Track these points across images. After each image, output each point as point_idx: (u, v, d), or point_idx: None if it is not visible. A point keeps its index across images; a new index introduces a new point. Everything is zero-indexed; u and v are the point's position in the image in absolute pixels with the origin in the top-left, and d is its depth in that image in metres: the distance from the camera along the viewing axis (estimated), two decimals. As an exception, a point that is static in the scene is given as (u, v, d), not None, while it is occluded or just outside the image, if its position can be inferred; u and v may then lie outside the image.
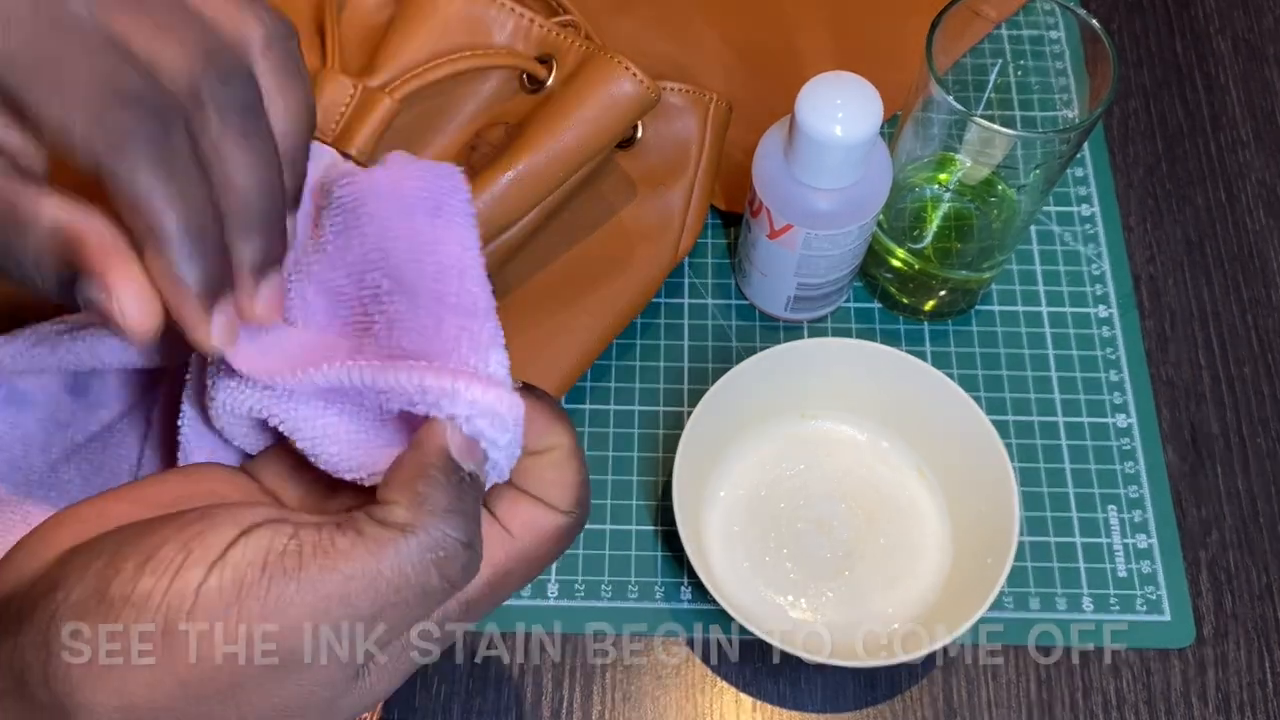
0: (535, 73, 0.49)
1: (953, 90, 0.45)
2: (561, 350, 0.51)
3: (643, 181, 0.53)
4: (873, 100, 0.45)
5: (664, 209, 0.53)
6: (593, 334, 0.52)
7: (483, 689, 0.48)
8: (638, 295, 0.53)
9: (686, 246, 0.54)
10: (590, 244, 0.53)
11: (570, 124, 0.47)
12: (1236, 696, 0.48)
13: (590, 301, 0.52)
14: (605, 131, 0.48)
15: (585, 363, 0.52)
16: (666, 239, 0.53)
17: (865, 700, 0.48)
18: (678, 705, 0.48)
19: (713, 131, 0.53)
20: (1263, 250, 0.59)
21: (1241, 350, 0.56)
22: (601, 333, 0.52)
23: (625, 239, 0.53)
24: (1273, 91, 0.64)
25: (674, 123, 0.53)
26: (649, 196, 0.53)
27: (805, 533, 0.50)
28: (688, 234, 0.54)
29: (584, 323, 0.52)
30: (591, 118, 0.47)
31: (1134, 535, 0.51)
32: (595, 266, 0.52)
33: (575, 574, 0.50)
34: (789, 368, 0.50)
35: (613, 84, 0.47)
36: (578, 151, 0.48)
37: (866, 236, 0.51)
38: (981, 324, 0.56)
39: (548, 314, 0.51)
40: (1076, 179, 0.61)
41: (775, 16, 0.63)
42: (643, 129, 0.53)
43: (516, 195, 0.47)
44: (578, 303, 0.52)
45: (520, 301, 0.51)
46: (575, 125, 0.47)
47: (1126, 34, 0.66)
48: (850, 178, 0.47)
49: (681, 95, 0.52)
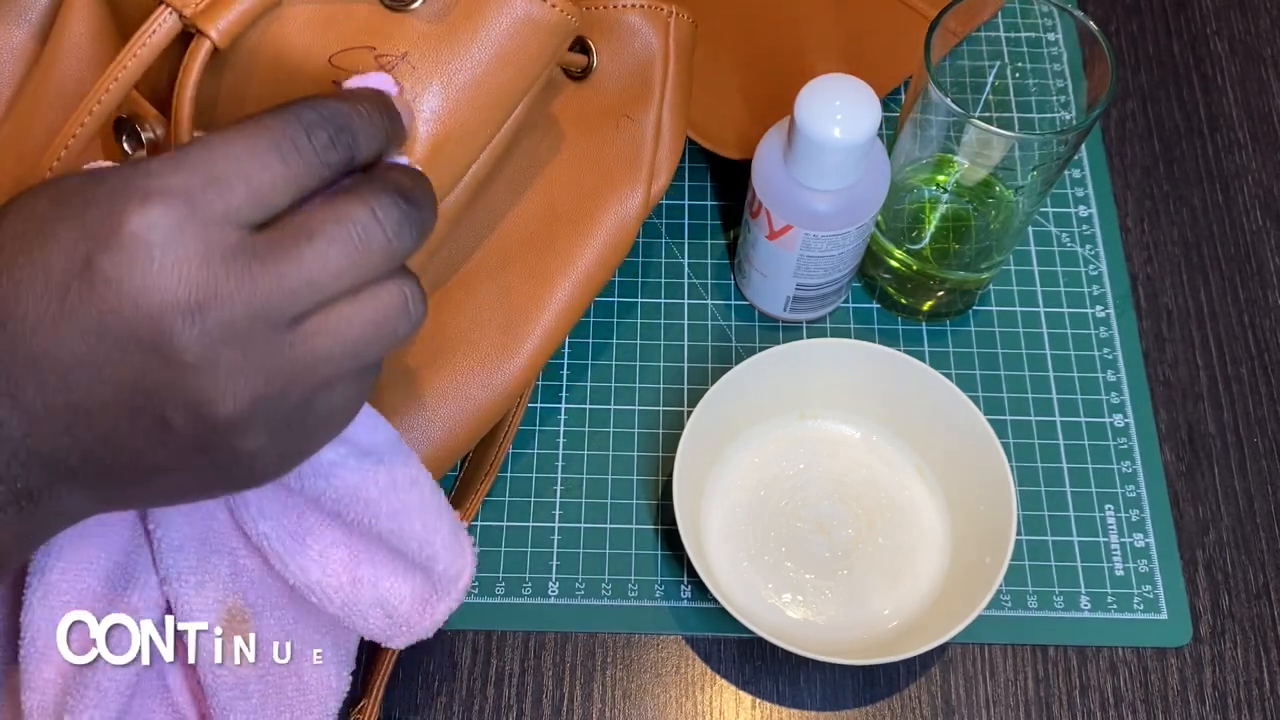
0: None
1: (951, 92, 0.45)
2: (540, 313, 0.48)
3: (602, 115, 0.48)
4: (871, 102, 0.45)
5: (632, 143, 0.48)
6: (572, 291, 0.48)
7: (483, 687, 0.48)
8: (613, 243, 0.49)
9: (661, 185, 0.49)
10: (546, 196, 0.48)
11: (473, 70, 0.41)
12: (1233, 695, 0.49)
13: (557, 261, 0.48)
14: (522, 75, 0.42)
15: (561, 329, 0.49)
16: (637, 179, 0.48)
17: (864, 698, 0.48)
18: (677, 703, 0.48)
19: (676, 49, 0.48)
20: (1259, 251, 0.59)
21: (1238, 350, 0.57)
22: (576, 294, 0.48)
23: (588, 186, 0.48)
24: (1269, 93, 0.64)
25: (631, 43, 0.48)
26: (612, 132, 0.48)
27: (804, 532, 0.50)
28: (661, 171, 0.49)
29: (561, 281, 0.48)
30: (493, 58, 0.41)
31: (1131, 534, 0.52)
32: (557, 223, 0.48)
33: (575, 573, 0.50)
34: (789, 368, 0.50)
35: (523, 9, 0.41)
36: (495, 106, 0.42)
37: (865, 238, 0.51)
38: (979, 324, 0.57)
39: (514, 281, 0.48)
40: (1074, 180, 0.61)
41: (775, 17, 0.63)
42: (597, 57, 0.48)
43: (437, 170, 0.41)
44: (549, 261, 0.48)
45: (475, 272, 0.48)
46: (479, 70, 0.41)
47: (1124, 36, 0.66)
48: (849, 179, 0.47)
49: (638, 12, 0.48)
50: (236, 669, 0.39)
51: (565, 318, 0.49)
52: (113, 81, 0.39)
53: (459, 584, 0.40)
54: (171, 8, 0.38)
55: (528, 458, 0.53)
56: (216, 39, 0.38)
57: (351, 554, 0.39)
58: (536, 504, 0.52)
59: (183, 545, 0.39)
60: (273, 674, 0.40)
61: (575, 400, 0.54)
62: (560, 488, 0.52)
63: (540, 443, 0.53)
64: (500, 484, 0.52)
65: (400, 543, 0.39)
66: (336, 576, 0.39)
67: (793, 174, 0.47)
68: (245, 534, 0.40)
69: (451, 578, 0.40)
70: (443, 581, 0.40)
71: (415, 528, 0.39)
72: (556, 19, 0.41)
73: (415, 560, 0.39)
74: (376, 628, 0.40)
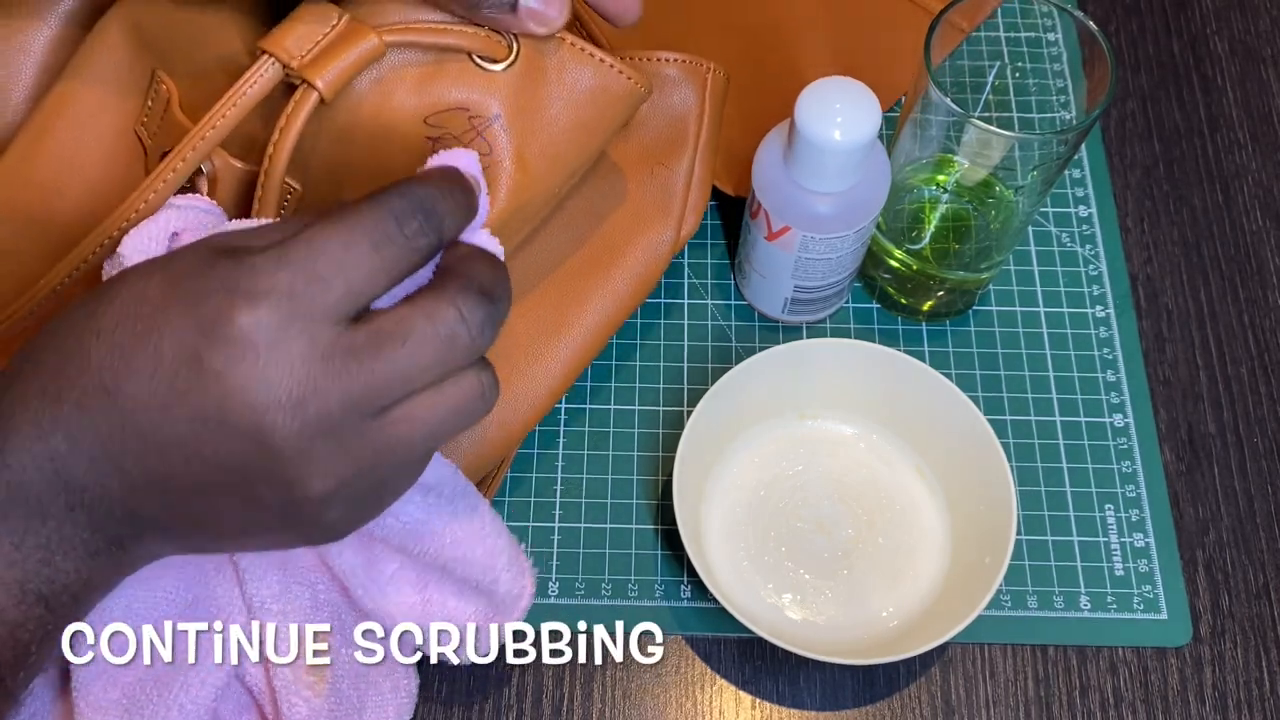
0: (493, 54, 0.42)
1: (950, 92, 0.45)
2: (562, 345, 0.50)
3: (640, 161, 0.50)
4: (871, 104, 0.45)
5: (664, 190, 0.50)
6: (594, 327, 0.50)
7: (483, 687, 0.48)
8: (639, 284, 0.51)
9: (690, 228, 0.51)
10: (587, 234, 0.50)
11: (552, 135, 0.43)
12: (1233, 695, 0.49)
13: (589, 294, 0.50)
14: (594, 140, 0.44)
15: (587, 357, 0.51)
16: (668, 222, 0.51)
17: (864, 698, 0.48)
18: (677, 703, 0.48)
19: (712, 104, 0.50)
20: (1259, 251, 0.59)
21: (1238, 350, 0.57)
22: (603, 325, 0.50)
23: (623, 225, 0.50)
24: (1269, 93, 0.64)
25: (670, 96, 0.50)
26: (647, 177, 0.50)
27: (804, 531, 0.50)
28: (691, 214, 0.51)
29: (584, 317, 0.50)
30: (570, 125, 0.43)
31: (1131, 534, 0.52)
32: (592, 258, 0.50)
33: (575, 573, 0.50)
34: (789, 368, 0.50)
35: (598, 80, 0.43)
36: (570, 169, 0.44)
37: (864, 241, 0.51)
38: (979, 324, 0.57)
39: (546, 309, 0.49)
40: (1074, 180, 0.61)
41: (774, 20, 0.63)
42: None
43: (514, 226, 0.44)
44: (576, 297, 0.50)
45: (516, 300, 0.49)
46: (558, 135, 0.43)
47: (1124, 36, 0.66)
48: (848, 181, 0.47)
49: (677, 66, 0.49)
50: (311, 700, 0.41)
51: (584, 355, 0.50)
52: (209, 130, 0.39)
53: (520, 604, 0.43)
54: (274, 58, 0.38)
55: (528, 458, 0.53)
56: (324, 91, 0.39)
57: (420, 579, 0.42)
58: (536, 504, 0.52)
59: (265, 574, 0.41)
60: (342, 708, 0.41)
61: (575, 400, 0.54)
62: (560, 488, 0.52)
63: (540, 443, 0.53)
64: (500, 484, 0.52)
65: (464, 569, 0.42)
66: (409, 599, 0.42)
67: (792, 175, 0.47)
68: (327, 566, 0.42)
69: (514, 598, 0.43)
70: (505, 603, 0.42)
71: (477, 554, 0.42)
72: (629, 88, 0.44)
73: (479, 585, 0.42)
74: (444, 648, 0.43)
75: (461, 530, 0.41)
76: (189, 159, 0.39)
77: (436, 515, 0.41)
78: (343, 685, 0.41)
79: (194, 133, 0.39)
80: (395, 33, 0.40)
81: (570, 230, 0.50)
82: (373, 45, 0.39)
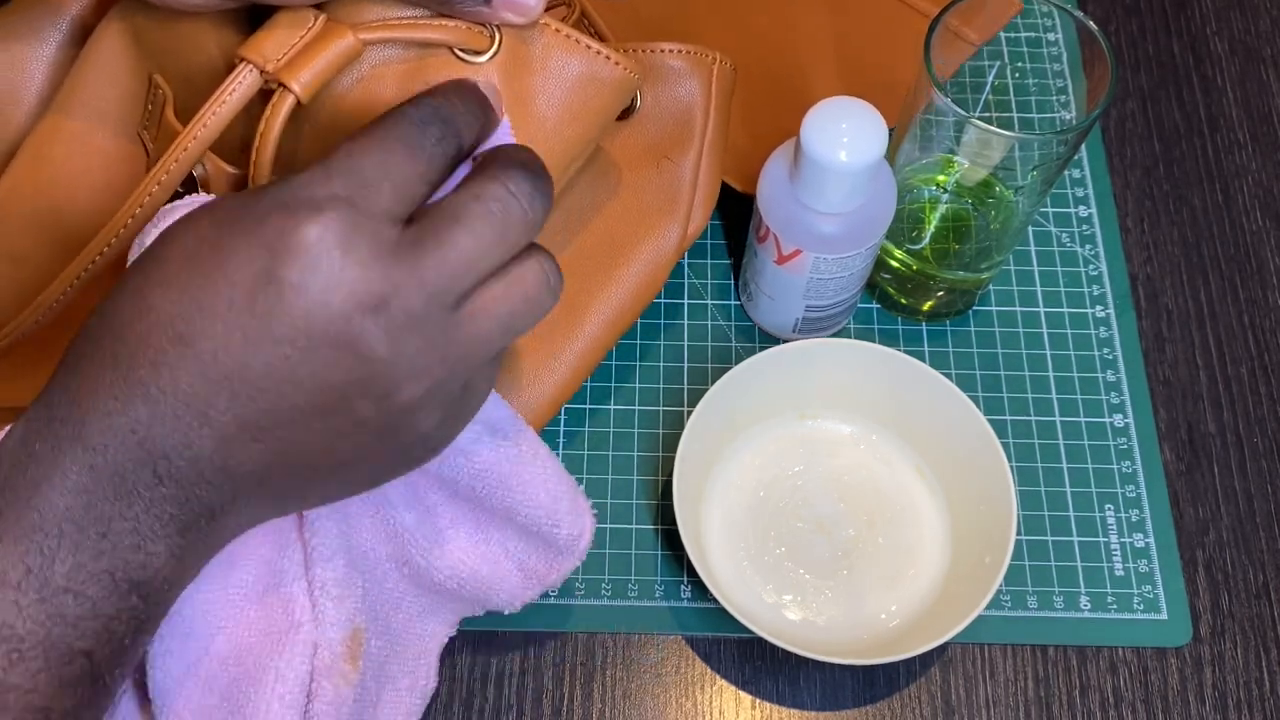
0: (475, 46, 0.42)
1: (950, 92, 0.45)
2: (567, 349, 0.49)
3: (644, 157, 0.50)
4: (877, 125, 0.45)
5: (670, 186, 0.49)
6: (601, 326, 0.50)
7: (483, 687, 0.48)
8: (646, 282, 0.50)
9: (698, 225, 0.51)
10: (588, 231, 0.50)
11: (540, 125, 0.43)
12: (1233, 695, 0.49)
13: (592, 297, 0.50)
14: (586, 129, 0.44)
15: (593, 360, 0.50)
16: (674, 219, 0.50)
17: (864, 698, 0.48)
18: (677, 703, 0.48)
19: (718, 96, 0.49)
20: (1259, 251, 0.59)
21: (1238, 350, 0.57)
22: (607, 328, 0.50)
23: (628, 223, 0.50)
24: (1269, 93, 0.64)
25: (675, 88, 0.49)
26: (652, 173, 0.49)
27: (804, 532, 0.50)
28: (698, 210, 0.51)
29: (588, 321, 0.50)
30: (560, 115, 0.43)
31: (1131, 534, 0.52)
32: (596, 258, 0.50)
33: (575, 573, 0.50)
34: (789, 368, 0.50)
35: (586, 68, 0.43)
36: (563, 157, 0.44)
37: (874, 256, 0.51)
38: (979, 324, 0.57)
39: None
40: (1074, 180, 0.61)
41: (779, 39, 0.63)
42: (641, 98, 0.49)
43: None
44: (581, 295, 0.49)
45: None
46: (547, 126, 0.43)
47: (1124, 36, 0.66)
48: (856, 201, 0.47)
49: (681, 57, 0.48)
50: (340, 688, 0.40)
51: (592, 354, 0.50)
52: (191, 139, 0.39)
53: (580, 544, 0.44)
54: (251, 64, 0.39)
55: (528, 458, 0.53)
56: (300, 93, 0.39)
57: (480, 526, 0.43)
58: (536, 504, 0.52)
59: (333, 557, 0.41)
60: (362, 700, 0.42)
61: (575, 400, 0.54)
62: (560, 488, 0.52)
63: (540, 443, 0.53)
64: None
65: (528, 512, 0.42)
66: (467, 546, 0.43)
67: (800, 197, 0.47)
68: (387, 534, 0.42)
69: (574, 538, 0.44)
70: (566, 544, 0.44)
71: (541, 497, 0.42)
72: (619, 76, 0.43)
73: (540, 529, 0.43)
74: (508, 588, 0.44)
75: (527, 473, 0.42)
76: (177, 165, 0.39)
77: (504, 457, 0.41)
78: (366, 678, 0.41)
79: (179, 140, 0.39)
80: (373, 30, 0.40)
81: (571, 230, 0.50)
82: (349, 44, 0.39)
